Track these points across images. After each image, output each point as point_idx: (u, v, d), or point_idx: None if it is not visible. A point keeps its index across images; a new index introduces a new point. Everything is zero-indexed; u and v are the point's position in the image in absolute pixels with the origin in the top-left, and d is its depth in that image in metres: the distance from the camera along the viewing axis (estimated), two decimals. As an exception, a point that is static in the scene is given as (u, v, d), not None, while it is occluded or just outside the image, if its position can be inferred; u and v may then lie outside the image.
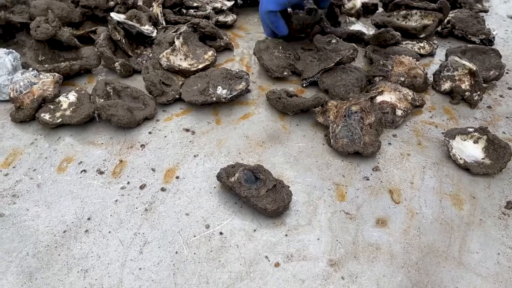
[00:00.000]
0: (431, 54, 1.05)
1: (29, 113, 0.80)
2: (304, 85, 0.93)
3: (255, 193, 0.64)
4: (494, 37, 1.08)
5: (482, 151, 0.74)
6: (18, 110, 0.81)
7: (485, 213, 0.65)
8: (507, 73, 0.99)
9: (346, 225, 0.63)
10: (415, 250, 0.60)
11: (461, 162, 0.72)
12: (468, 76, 0.88)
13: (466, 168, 0.72)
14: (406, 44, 1.04)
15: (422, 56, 1.04)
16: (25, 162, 0.73)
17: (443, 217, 0.65)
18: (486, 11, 1.21)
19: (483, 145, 0.75)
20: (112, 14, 0.95)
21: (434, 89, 0.92)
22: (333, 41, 0.96)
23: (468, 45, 0.99)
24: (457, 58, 0.89)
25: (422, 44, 1.04)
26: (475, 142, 0.75)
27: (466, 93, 0.87)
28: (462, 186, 0.70)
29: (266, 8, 0.94)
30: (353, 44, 0.93)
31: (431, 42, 1.05)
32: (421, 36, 1.04)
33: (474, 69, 0.87)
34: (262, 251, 0.59)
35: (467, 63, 0.88)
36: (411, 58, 0.93)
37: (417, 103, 0.85)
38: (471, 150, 0.75)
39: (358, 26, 1.13)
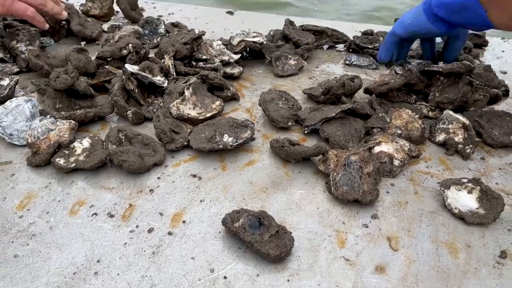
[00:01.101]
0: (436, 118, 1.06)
1: (45, 158, 0.84)
2: (306, 132, 0.97)
3: (259, 239, 0.66)
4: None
5: (476, 201, 0.78)
6: (35, 155, 0.85)
7: (480, 262, 0.68)
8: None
9: (346, 271, 0.65)
10: (413, 297, 0.62)
11: (456, 211, 0.75)
12: (462, 130, 0.93)
13: (461, 217, 0.75)
14: (418, 104, 1.07)
15: (428, 118, 1.05)
16: (39, 205, 0.77)
17: (440, 265, 0.67)
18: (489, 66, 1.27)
19: (477, 195, 0.78)
20: (127, 66, 1.02)
21: (429, 140, 0.97)
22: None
23: (483, 109, 1.01)
24: (451, 113, 0.94)
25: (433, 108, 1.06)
26: (469, 192, 0.79)
27: (459, 146, 0.91)
28: (458, 235, 0.73)
29: (393, 29, 1.06)
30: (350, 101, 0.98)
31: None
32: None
33: (467, 123, 0.92)
34: (265, 295, 0.61)
35: (460, 118, 0.93)
36: (410, 111, 0.98)
37: (414, 154, 0.89)
38: (465, 200, 0.78)
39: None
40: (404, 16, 1.06)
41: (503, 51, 1.46)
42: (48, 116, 0.91)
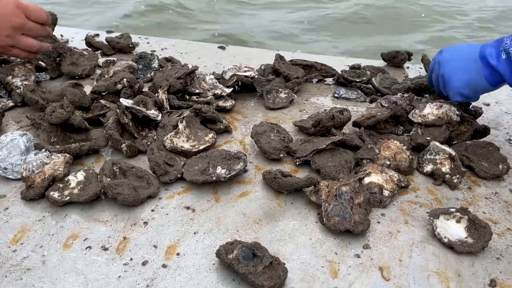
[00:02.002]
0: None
1: (39, 192, 0.85)
2: (297, 163, 0.99)
3: (253, 270, 0.67)
4: None
5: (465, 230, 0.79)
6: (29, 189, 0.86)
7: (471, 291, 0.69)
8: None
9: (339, 302, 0.66)
10: (406, 327, 0.63)
11: (446, 240, 0.77)
12: (449, 160, 0.96)
13: (451, 246, 0.76)
14: (406, 135, 1.09)
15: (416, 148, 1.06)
16: (32, 239, 0.77)
17: (431, 294, 0.68)
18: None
19: (465, 225, 0.80)
20: (122, 100, 1.04)
21: (418, 170, 0.99)
22: None
23: (467, 142, 1.04)
24: (438, 144, 0.98)
25: None
26: (458, 221, 0.81)
27: (447, 176, 0.94)
28: (448, 264, 0.74)
29: (451, 98, 1.03)
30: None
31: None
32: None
33: (453, 154, 0.95)
34: (259, 327, 0.61)
35: (446, 149, 0.96)
36: (398, 143, 1.01)
37: (403, 184, 0.92)
38: (454, 229, 0.80)
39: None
40: (457, 81, 1.00)
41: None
42: (43, 150, 0.92)
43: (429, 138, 1.03)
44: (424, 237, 0.80)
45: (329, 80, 1.48)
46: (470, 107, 1.15)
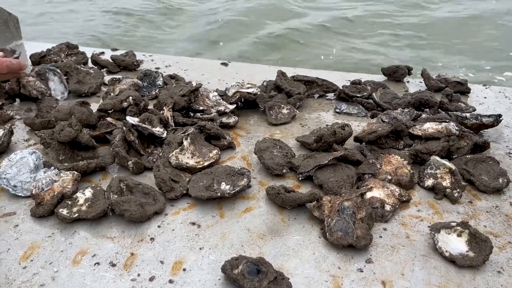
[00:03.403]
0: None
1: (48, 209, 0.87)
2: (300, 178, 1.01)
3: (258, 285, 0.69)
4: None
5: (466, 244, 0.81)
6: (38, 206, 0.88)
7: (472, 304, 0.70)
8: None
9: (343, 316, 0.67)
10: None
11: (447, 254, 0.78)
12: (449, 175, 0.97)
13: (452, 260, 0.77)
14: (407, 150, 1.11)
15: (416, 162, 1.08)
16: (42, 255, 0.78)
17: (434, 308, 0.69)
18: (474, 110, 1.34)
19: (466, 239, 0.81)
20: (128, 118, 1.06)
21: (419, 184, 1.01)
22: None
23: (467, 156, 1.06)
24: (438, 158, 0.99)
25: None
26: (459, 235, 0.82)
27: (447, 190, 0.95)
28: (450, 278, 0.75)
29: None
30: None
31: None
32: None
33: (454, 168, 0.96)
34: None
35: (447, 163, 0.98)
36: (399, 157, 1.03)
37: (404, 199, 0.93)
38: (455, 243, 0.81)
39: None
40: None
41: (485, 97, 1.54)
42: (52, 167, 0.94)
43: (427, 146, 1.05)
44: (425, 251, 0.81)
45: (330, 95, 1.51)
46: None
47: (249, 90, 1.33)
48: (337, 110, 1.39)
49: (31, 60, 1.70)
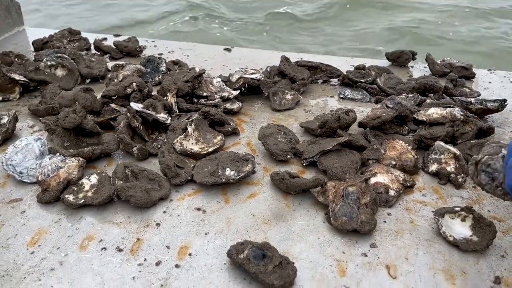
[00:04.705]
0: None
1: (54, 195, 0.87)
2: (305, 164, 1.01)
3: (263, 269, 0.69)
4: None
5: (470, 228, 0.81)
6: (45, 192, 0.88)
7: (476, 288, 0.71)
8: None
9: (348, 299, 0.68)
10: (413, 323, 0.64)
11: (451, 239, 0.78)
12: (453, 160, 0.97)
13: (456, 244, 0.78)
14: (411, 135, 1.11)
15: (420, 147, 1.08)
16: (49, 241, 0.79)
17: (437, 291, 0.70)
18: (479, 95, 1.33)
19: (470, 223, 0.82)
20: (132, 104, 1.06)
21: (423, 170, 1.01)
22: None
23: (472, 141, 1.06)
24: (442, 143, 0.99)
25: None
26: (463, 220, 0.82)
27: (452, 175, 0.95)
28: (453, 262, 0.76)
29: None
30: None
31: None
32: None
33: (458, 153, 0.96)
34: (271, 325, 0.64)
35: (451, 148, 0.97)
36: (403, 143, 1.03)
37: (408, 184, 0.93)
38: (459, 227, 0.82)
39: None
40: None
41: (490, 82, 1.53)
42: (57, 154, 0.95)
43: (432, 131, 1.05)
44: (429, 236, 0.81)
45: (334, 81, 1.50)
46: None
47: (253, 76, 1.32)
48: (341, 96, 1.38)
49: (34, 46, 1.70)
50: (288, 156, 1.03)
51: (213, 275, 0.73)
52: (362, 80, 1.42)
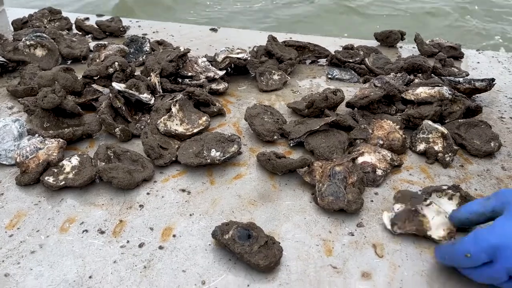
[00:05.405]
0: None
1: (33, 177, 0.85)
2: (291, 144, 1.00)
3: (248, 250, 0.68)
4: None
5: (456, 207, 0.80)
6: (23, 174, 0.86)
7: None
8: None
9: (334, 278, 0.67)
10: (399, 301, 0.64)
11: (438, 217, 0.78)
12: (441, 139, 0.97)
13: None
14: (399, 115, 1.09)
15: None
16: (29, 223, 0.77)
17: (424, 269, 0.70)
18: (467, 74, 1.32)
19: (457, 202, 0.81)
20: (114, 84, 1.03)
21: (410, 149, 1.00)
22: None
23: (460, 120, 1.04)
24: (430, 122, 0.98)
25: None
26: (450, 198, 0.82)
27: (439, 154, 0.94)
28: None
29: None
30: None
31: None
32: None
33: (446, 132, 0.95)
34: (256, 305, 0.63)
35: (439, 127, 0.96)
36: (391, 122, 1.02)
37: (396, 163, 0.92)
38: (446, 206, 0.81)
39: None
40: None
41: (478, 62, 1.52)
42: (36, 135, 0.92)
43: (420, 110, 1.04)
44: (416, 215, 0.81)
45: (323, 61, 1.48)
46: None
47: (239, 56, 1.29)
48: (329, 76, 1.36)
49: (13, 26, 1.64)
50: (275, 137, 1.01)
51: (197, 256, 0.71)
52: (351, 60, 1.40)
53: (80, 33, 1.63)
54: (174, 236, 0.75)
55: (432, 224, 0.76)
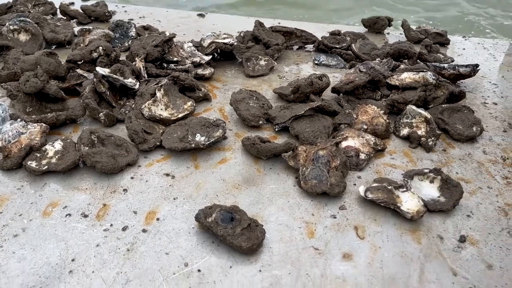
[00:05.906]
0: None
1: (16, 161, 0.84)
2: (277, 129, 1.00)
3: (231, 232, 0.69)
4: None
5: (438, 190, 0.82)
6: (6, 159, 0.85)
7: (441, 246, 0.72)
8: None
9: (315, 260, 0.68)
10: (379, 281, 0.65)
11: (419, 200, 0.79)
12: (424, 124, 0.97)
13: (424, 205, 0.79)
14: (383, 100, 1.10)
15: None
16: (11, 208, 0.77)
17: (404, 250, 0.71)
18: (453, 60, 1.33)
19: (438, 185, 0.82)
20: (98, 68, 1.02)
21: (394, 134, 1.01)
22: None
23: (443, 105, 1.05)
24: (414, 107, 0.99)
25: None
26: (431, 181, 0.83)
27: (422, 139, 0.95)
28: (421, 222, 0.76)
29: None
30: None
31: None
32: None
33: (429, 117, 0.96)
34: (238, 286, 0.64)
35: (422, 112, 0.97)
36: (376, 107, 1.02)
37: (379, 148, 0.93)
38: (428, 189, 0.82)
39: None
40: None
41: (464, 48, 1.53)
42: (19, 119, 0.91)
43: (404, 96, 1.04)
44: (398, 198, 0.82)
45: (310, 47, 1.47)
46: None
47: (225, 41, 1.29)
48: (316, 62, 1.36)
49: (-4, 11, 1.61)
50: (260, 122, 1.02)
51: (181, 239, 0.72)
52: (337, 46, 1.40)
53: (65, 18, 1.61)
54: (157, 219, 0.75)
55: (404, 202, 0.77)
